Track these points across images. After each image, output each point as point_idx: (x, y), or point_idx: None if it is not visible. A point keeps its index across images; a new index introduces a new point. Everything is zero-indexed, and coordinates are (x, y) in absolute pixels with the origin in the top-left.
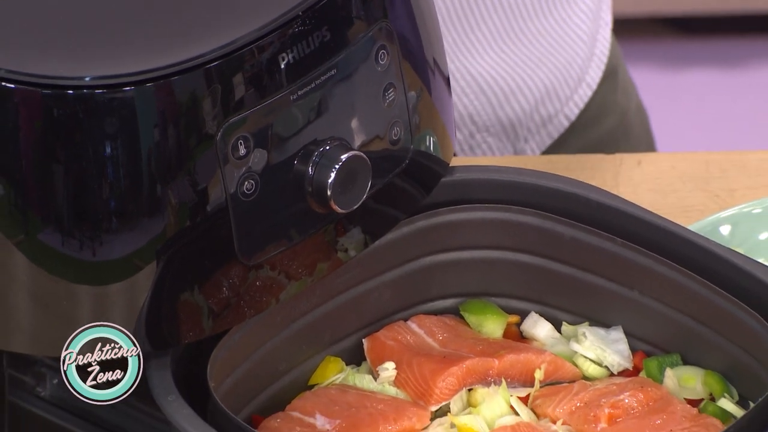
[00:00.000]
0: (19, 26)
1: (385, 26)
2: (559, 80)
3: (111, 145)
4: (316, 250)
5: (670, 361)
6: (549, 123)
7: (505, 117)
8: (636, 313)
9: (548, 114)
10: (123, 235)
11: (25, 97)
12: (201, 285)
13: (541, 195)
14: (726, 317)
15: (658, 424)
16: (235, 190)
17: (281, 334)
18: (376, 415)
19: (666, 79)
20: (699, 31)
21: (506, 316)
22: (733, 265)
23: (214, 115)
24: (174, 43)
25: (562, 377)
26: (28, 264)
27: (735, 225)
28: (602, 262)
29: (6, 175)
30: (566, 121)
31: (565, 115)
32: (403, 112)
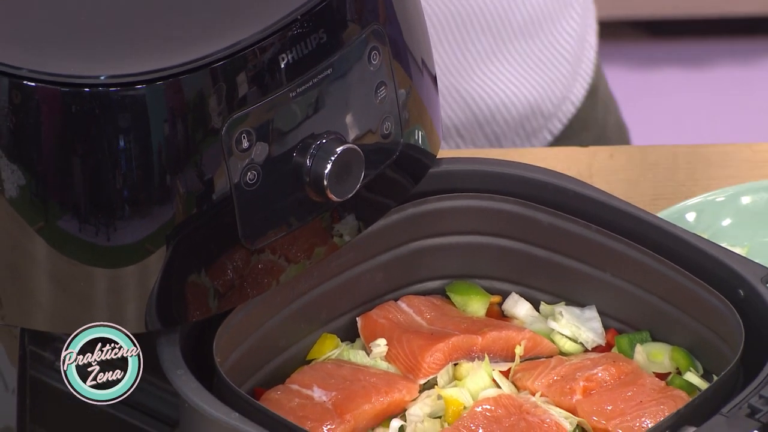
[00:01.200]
0: (39, 29)
1: (376, 29)
2: (543, 98)
3: (124, 139)
4: (313, 236)
5: (640, 338)
6: (533, 137)
7: (491, 132)
8: (608, 293)
9: (532, 129)
10: (135, 222)
11: (46, 95)
12: (207, 268)
13: (521, 185)
14: (691, 297)
15: (629, 395)
16: (239, 181)
17: (281, 313)
18: (369, 388)
19: (637, 77)
20: (667, 33)
21: (489, 297)
22: (698, 249)
23: (219, 111)
24: (182, 45)
25: (541, 353)
26: (47, 248)
27: (700, 212)
28: (577, 247)
29: (27, 166)
30: (550, 136)
31: (548, 131)
32: (393, 108)
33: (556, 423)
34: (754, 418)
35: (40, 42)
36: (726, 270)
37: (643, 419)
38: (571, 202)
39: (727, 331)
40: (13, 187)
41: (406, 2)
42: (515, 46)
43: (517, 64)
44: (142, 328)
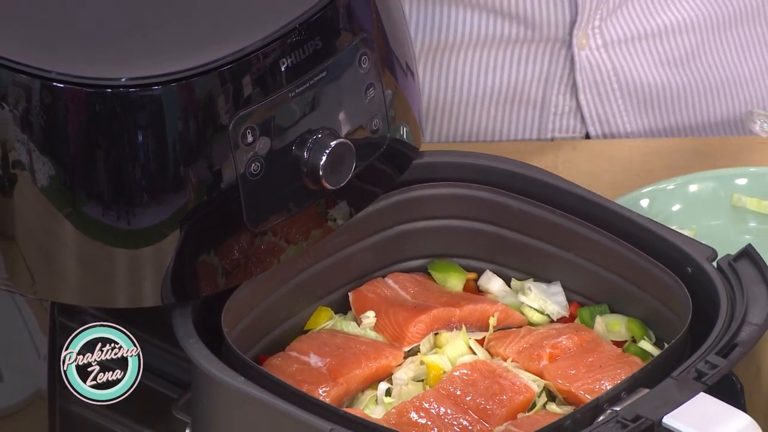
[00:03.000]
0: (66, 38)
1: (366, 37)
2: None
3: (142, 134)
4: (310, 220)
5: (600, 310)
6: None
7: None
8: (572, 271)
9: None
10: (152, 208)
11: (72, 95)
12: (216, 248)
13: (494, 175)
14: (645, 274)
15: (589, 361)
16: (244, 171)
17: (282, 289)
18: (359, 355)
19: None
20: None
21: (465, 274)
22: (651, 231)
23: (227, 109)
24: (193, 50)
25: (512, 323)
26: (74, 232)
27: (652, 199)
28: (544, 230)
29: (56, 158)
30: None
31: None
32: (381, 106)
33: (525, 385)
34: (701, 381)
35: (68, 49)
36: (676, 250)
37: (602, 382)
38: (539, 190)
39: (677, 304)
40: (44, 177)
41: (392, 14)
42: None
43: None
44: (158, 302)
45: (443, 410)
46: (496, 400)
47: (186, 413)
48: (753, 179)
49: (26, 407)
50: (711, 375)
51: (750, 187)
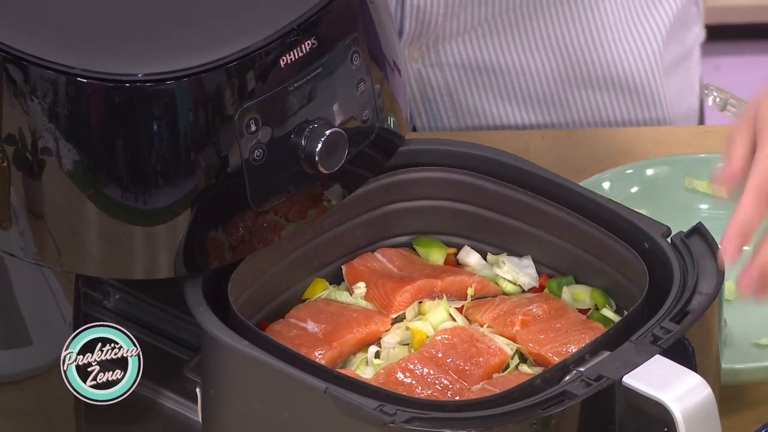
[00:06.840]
0: (88, 37)
1: (357, 37)
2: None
3: (156, 124)
4: (307, 200)
5: (566, 281)
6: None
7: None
8: (541, 246)
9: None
10: (165, 190)
11: (94, 89)
12: (223, 226)
13: (472, 160)
14: (607, 248)
15: (557, 327)
16: (248, 157)
17: (282, 262)
18: (352, 321)
19: None
20: None
21: (446, 249)
22: (612, 210)
23: (233, 101)
24: (202, 49)
25: (487, 293)
26: (96, 211)
27: (613, 182)
28: (517, 209)
29: (80, 146)
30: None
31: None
32: (371, 99)
33: (499, 348)
34: (657, 344)
35: (90, 48)
36: (634, 227)
37: (569, 345)
38: (512, 174)
39: (635, 275)
40: (70, 162)
41: (380, 16)
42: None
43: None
44: (172, 274)
45: (426, 371)
46: (473, 361)
47: (196, 373)
48: (703, 164)
49: (53, 368)
50: (665, 339)
51: (700, 170)
